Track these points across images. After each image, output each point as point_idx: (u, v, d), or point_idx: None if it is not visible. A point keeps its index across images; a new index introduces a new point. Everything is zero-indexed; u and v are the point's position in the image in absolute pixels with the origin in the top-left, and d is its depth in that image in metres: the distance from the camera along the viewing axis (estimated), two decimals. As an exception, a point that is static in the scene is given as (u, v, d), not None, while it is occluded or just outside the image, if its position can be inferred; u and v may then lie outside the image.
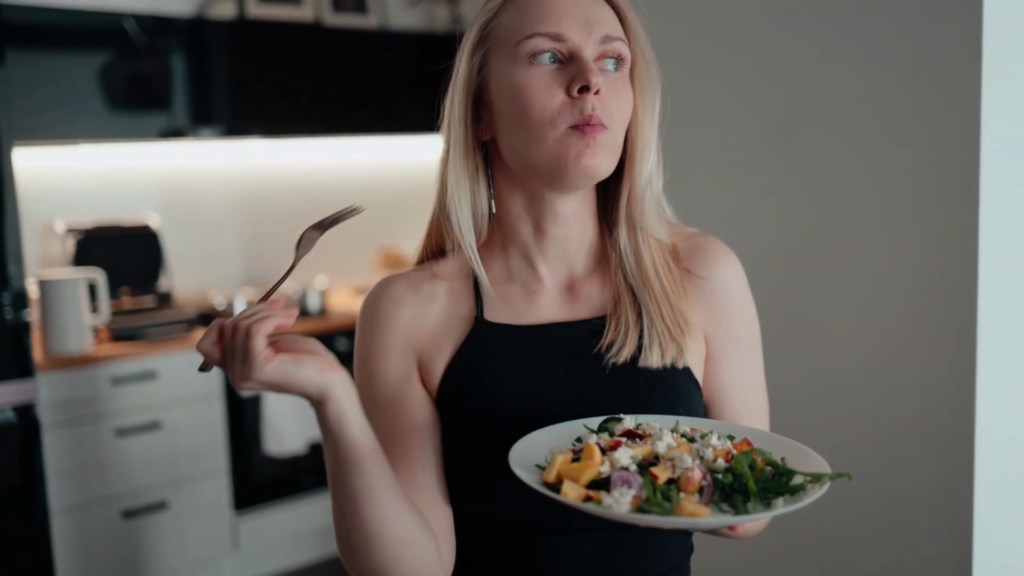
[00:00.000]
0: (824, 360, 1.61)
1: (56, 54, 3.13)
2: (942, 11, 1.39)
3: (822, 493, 0.79)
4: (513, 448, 0.86)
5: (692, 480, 0.79)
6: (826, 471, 0.82)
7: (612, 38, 0.93)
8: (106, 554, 2.98)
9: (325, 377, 0.80)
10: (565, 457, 0.83)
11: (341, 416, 0.82)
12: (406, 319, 1.00)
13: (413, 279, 1.02)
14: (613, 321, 0.98)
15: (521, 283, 1.01)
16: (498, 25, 0.95)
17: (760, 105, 1.68)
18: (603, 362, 0.96)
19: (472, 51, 0.97)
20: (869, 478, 1.55)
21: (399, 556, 0.88)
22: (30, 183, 3.23)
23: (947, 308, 1.42)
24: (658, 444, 0.84)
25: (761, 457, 0.84)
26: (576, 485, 0.80)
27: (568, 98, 0.90)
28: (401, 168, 4.16)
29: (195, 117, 3.42)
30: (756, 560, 1.74)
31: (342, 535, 0.89)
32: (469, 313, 1.00)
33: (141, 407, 3.05)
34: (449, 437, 0.98)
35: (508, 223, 1.00)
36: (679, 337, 0.97)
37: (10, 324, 2.58)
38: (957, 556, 1.43)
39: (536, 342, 0.98)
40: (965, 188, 1.38)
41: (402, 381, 0.99)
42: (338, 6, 3.74)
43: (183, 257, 3.61)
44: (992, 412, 1.41)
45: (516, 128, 0.92)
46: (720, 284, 1.02)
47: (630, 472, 0.80)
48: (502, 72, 0.94)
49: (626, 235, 1.00)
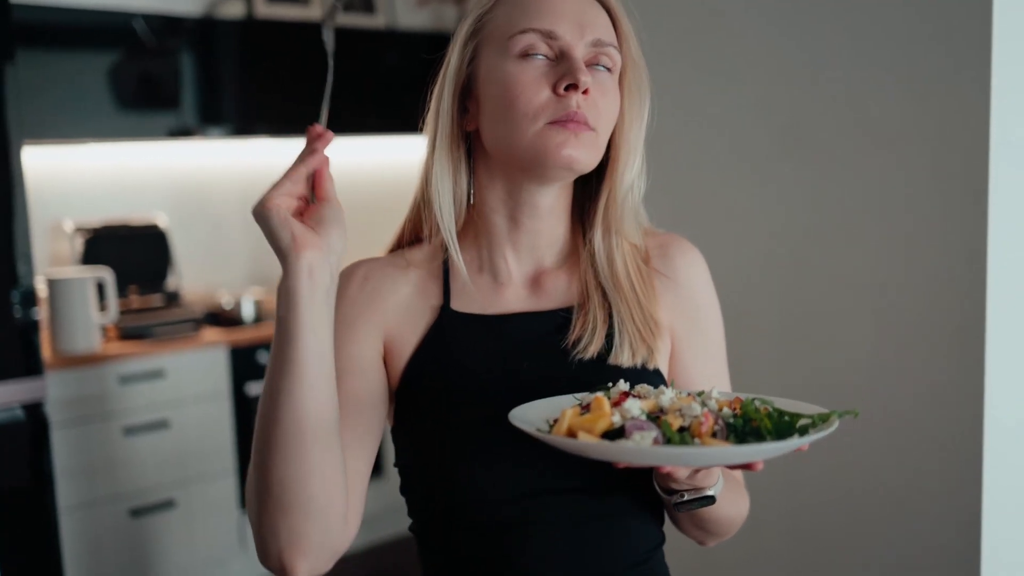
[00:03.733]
0: (832, 353, 1.61)
1: (65, 54, 3.14)
2: (951, 15, 1.38)
3: (835, 428, 0.78)
4: (511, 414, 0.84)
5: (705, 424, 0.78)
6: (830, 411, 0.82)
7: (604, 43, 0.94)
8: (114, 552, 2.99)
9: (293, 242, 0.81)
10: (574, 411, 0.82)
11: (291, 295, 0.82)
12: (374, 297, 1.00)
13: (384, 263, 1.04)
14: (580, 316, 0.98)
15: (490, 274, 1.02)
16: (492, 19, 0.96)
17: (768, 111, 1.67)
18: (569, 357, 0.96)
19: (464, 42, 0.98)
20: (877, 469, 1.55)
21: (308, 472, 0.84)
22: (39, 182, 3.24)
23: (956, 302, 1.42)
24: (662, 398, 0.83)
25: (764, 405, 0.83)
26: (592, 436, 0.78)
27: (554, 95, 0.91)
28: (408, 168, 4.14)
29: (204, 116, 3.43)
30: (764, 551, 1.73)
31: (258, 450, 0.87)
32: (436, 302, 1.01)
33: (149, 406, 3.06)
34: (413, 426, 0.98)
35: (484, 214, 1.01)
36: (649, 339, 0.98)
37: (19, 323, 2.59)
38: (966, 547, 1.43)
39: (500, 331, 0.98)
40: (974, 187, 1.37)
41: (359, 348, 0.98)
42: (346, 6, 3.74)
43: (191, 256, 3.62)
44: (1001, 403, 1.41)
45: (500, 121, 0.93)
46: (684, 280, 1.03)
47: (643, 420, 0.79)
48: (492, 65, 0.95)
49: (601, 237, 1.00)
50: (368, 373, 0.98)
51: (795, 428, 0.80)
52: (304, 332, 0.82)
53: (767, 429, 0.78)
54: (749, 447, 0.75)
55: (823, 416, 0.81)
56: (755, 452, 0.75)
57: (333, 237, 0.83)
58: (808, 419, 0.81)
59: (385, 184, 4.10)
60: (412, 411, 0.98)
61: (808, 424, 0.80)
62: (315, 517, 0.85)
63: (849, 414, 0.82)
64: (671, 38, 1.80)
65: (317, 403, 0.84)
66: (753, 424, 0.79)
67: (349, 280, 1.01)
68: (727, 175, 1.76)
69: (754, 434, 0.79)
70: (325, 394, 0.85)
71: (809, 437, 0.76)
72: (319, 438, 0.85)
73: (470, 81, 0.98)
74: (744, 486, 1.08)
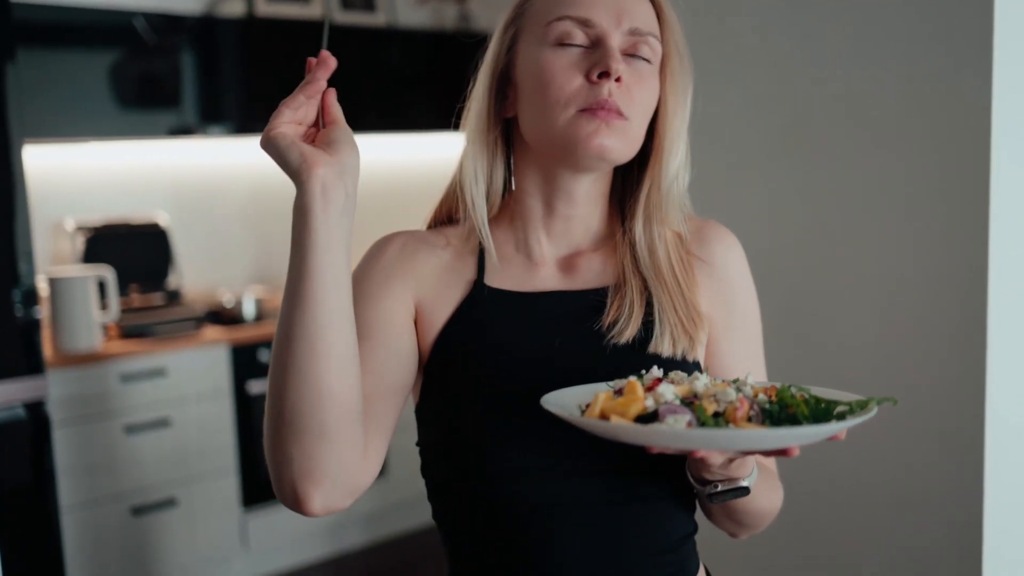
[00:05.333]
0: (833, 351, 1.61)
1: (66, 52, 3.14)
2: (952, 14, 1.38)
3: (875, 412, 0.77)
4: (543, 399, 0.84)
5: (740, 410, 0.76)
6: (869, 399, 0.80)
7: (642, 32, 0.94)
8: (115, 551, 3.00)
9: (303, 161, 0.82)
10: (607, 395, 0.81)
11: (303, 211, 0.82)
12: (410, 261, 1.00)
13: (423, 235, 1.04)
14: (616, 299, 0.97)
15: (524, 253, 1.02)
16: (531, 5, 0.97)
17: (769, 110, 1.67)
18: (604, 340, 0.96)
19: (504, 29, 0.99)
20: (879, 465, 1.55)
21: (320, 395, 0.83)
22: (40, 181, 3.24)
23: (958, 299, 1.42)
24: (696, 383, 0.82)
25: (800, 392, 0.82)
26: (625, 420, 0.77)
27: (587, 82, 0.91)
28: (409, 166, 4.16)
29: (204, 115, 3.43)
30: (764, 550, 1.73)
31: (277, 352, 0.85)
32: (471, 277, 1.01)
33: (150, 404, 3.06)
34: (440, 400, 0.97)
35: (520, 198, 1.02)
36: (692, 330, 0.97)
37: (20, 321, 2.59)
38: (967, 544, 1.43)
39: (533, 308, 0.98)
40: (976, 185, 1.37)
41: (392, 304, 0.98)
42: (347, 4, 3.74)
43: (192, 255, 3.62)
44: (1003, 399, 1.41)
45: (534, 108, 0.94)
46: (722, 266, 1.03)
47: (677, 404, 0.77)
48: (529, 51, 0.95)
49: (642, 227, 1.00)
50: (399, 328, 0.97)
51: (832, 414, 0.79)
52: (318, 250, 0.82)
53: (803, 415, 0.77)
54: (785, 430, 0.73)
55: (861, 403, 0.79)
56: (791, 436, 0.73)
57: (345, 154, 0.84)
58: (846, 406, 0.80)
59: (386, 181, 4.11)
60: (440, 385, 0.97)
61: (845, 411, 0.79)
62: (328, 443, 0.84)
63: (888, 401, 0.80)
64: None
65: (331, 325, 0.84)
66: (790, 410, 0.78)
67: (387, 246, 1.02)
68: (727, 174, 1.76)
69: (790, 420, 0.77)
70: (340, 316, 0.84)
71: (846, 423, 0.75)
72: (333, 360, 0.84)
73: (508, 68, 0.99)
74: (778, 478, 1.06)
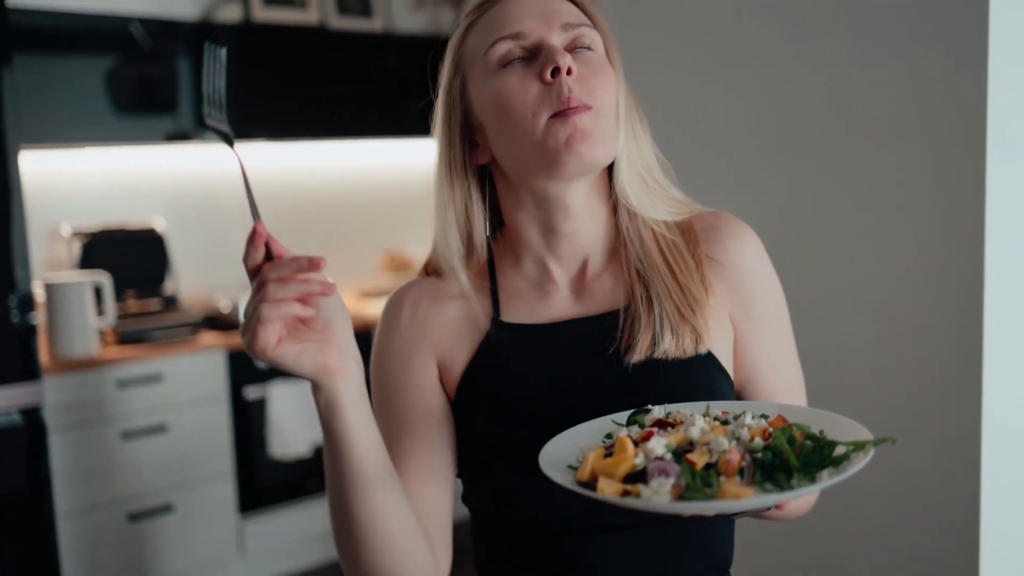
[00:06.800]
0: (830, 353, 1.61)
1: (63, 58, 3.14)
2: (949, 14, 1.39)
3: (867, 461, 0.76)
4: (543, 450, 0.84)
5: (731, 462, 0.76)
6: (868, 438, 0.79)
7: (574, 23, 0.95)
8: (112, 557, 2.99)
9: (321, 370, 0.81)
10: (597, 453, 0.81)
11: (332, 407, 0.82)
12: (424, 325, 1.01)
13: (430, 285, 1.04)
14: (627, 324, 0.96)
15: (535, 285, 1.01)
16: (466, 48, 0.98)
17: (764, 110, 1.68)
18: (622, 363, 0.95)
19: (449, 82, 0.99)
20: (876, 467, 1.53)
21: (389, 555, 0.88)
22: (37, 186, 3.24)
23: (954, 301, 1.42)
24: (691, 430, 0.82)
25: (799, 431, 0.81)
26: (612, 481, 0.77)
27: (543, 85, 0.91)
28: (406, 171, 4.16)
29: (200, 120, 3.43)
30: (762, 551, 1.73)
31: (336, 530, 0.89)
32: (486, 315, 1.01)
33: (147, 410, 3.05)
34: (470, 439, 0.98)
35: (518, 233, 1.01)
36: (690, 317, 0.95)
37: (16, 327, 2.59)
38: (965, 546, 1.43)
39: (551, 339, 0.98)
40: (972, 186, 1.38)
41: (418, 377, 1.00)
42: (343, 9, 3.74)
43: (189, 260, 3.61)
44: (999, 402, 1.41)
45: (506, 134, 0.94)
46: (739, 264, 1.00)
47: (666, 461, 0.77)
48: (480, 88, 0.96)
49: (627, 218, 1.00)
50: (430, 401, 0.99)
51: (827, 461, 0.78)
52: (359, 433, 0.84)
53: (795, 467, 0.77)
54: (758, 498, 0.73)
55: (859, 444, 0.78)
56: (764, 502, 0.74)
57: (344, 336, 0.82)
58: (845, 446, 0.79)
59: (383, 187, 4.11)
60: (468, 423, 0.99)
61: (842, 456, 0.78)
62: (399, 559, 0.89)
63: (886, 442, 0.80)
64: (670, 38, 1.81)
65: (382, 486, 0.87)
66: (784, 456, 0.78)
67: (399, 311, 1.03)
68: (722, 174, 1.76)
69: (783, 468, 0.77)
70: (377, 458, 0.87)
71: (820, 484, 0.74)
72: (395, 522, 0.88)
73: (468, 115, 0.99)
74: None
